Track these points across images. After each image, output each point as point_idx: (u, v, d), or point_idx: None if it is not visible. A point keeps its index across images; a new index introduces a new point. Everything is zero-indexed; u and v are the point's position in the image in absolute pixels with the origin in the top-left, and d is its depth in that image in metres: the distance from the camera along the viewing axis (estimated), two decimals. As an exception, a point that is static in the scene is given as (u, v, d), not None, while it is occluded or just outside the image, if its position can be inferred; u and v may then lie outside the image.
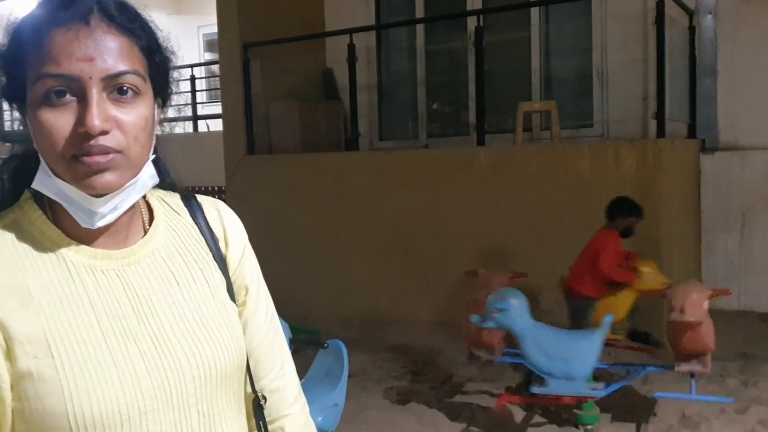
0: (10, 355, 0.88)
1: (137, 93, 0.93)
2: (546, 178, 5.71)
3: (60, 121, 0.90)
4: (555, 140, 6.34)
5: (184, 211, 1.11)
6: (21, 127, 0.98)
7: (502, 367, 4.73)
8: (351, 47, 6.81)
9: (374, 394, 4.59)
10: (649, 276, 4.45)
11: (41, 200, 0.98)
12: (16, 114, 0.98)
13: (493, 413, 4.15)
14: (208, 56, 14.05)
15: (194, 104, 12.18)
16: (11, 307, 0.89)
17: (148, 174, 0.98)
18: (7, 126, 12.23)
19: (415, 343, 5.58)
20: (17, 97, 0.94)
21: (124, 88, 0.92)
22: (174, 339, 0.97)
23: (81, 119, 0.89)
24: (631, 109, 6.51)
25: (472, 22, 6.70)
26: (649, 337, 4.64)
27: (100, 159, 0.90)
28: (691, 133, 6.46)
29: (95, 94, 0.89)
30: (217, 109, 9.97)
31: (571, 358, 3.71)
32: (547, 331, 3.80)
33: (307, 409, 1.21)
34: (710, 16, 6.32)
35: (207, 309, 1.03)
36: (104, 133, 0.90)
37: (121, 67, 0.91)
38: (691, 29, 6.40)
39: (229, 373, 1.02)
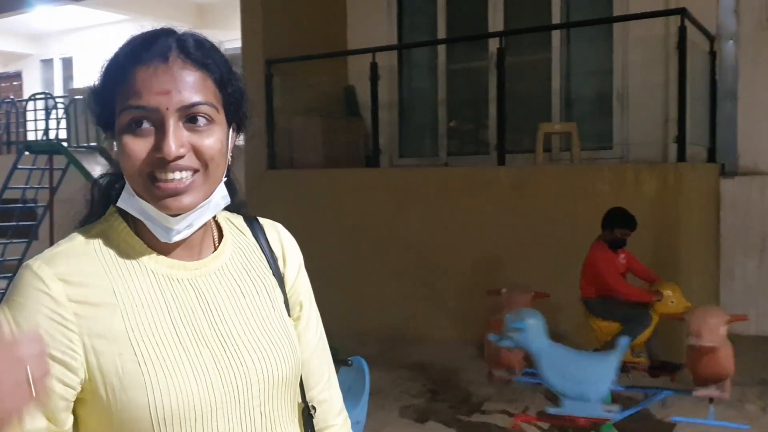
0: (96, 351, 0.99)
1: (211, 121, 1.04)
2: (565, 199, 5.74)
3: (139, 145, 1.01)
4: (575, 161, 6.38)
5: (248, 231, 1.21)
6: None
7: (522, 387, 4.74)
8: (374, 66, 6.90)
9: (392, 412, 4.62)
10: (671, 299, 4.48)
11: (126, 214, 1.09)
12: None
13: None
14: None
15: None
16: (100, 308, 1.00)
17: (221, 195, 1.09)
18: (30, 136, 12.42)
19: (434, 361, 5.61)
20: (108, 125, 1.06)
21: (198, 117, 1.02)
22: (241, 344, 1.07)
23: (158, 145, 1.00)
24: (651, 132, 6.55)
25: (493, 44, 6.76)
26: (668, 366, 4.66)
27: (176, 186, 1.01)
28: (711, 157, 6.48)
29: (172, 123, 1.00)
30: (238, 123, 10.04)
31: (586, 380, 3.74)
32: (563, 351, 3.84)
33: (349, 422, 1.29)
34: (731, 41, 6.36)
35: (269, 320, 1.13)
36: (179, 157, 1.01)
37: (195, 98, 1.02)
38: (712, 54, 6.44)
39: (289, 379, 1.12)
